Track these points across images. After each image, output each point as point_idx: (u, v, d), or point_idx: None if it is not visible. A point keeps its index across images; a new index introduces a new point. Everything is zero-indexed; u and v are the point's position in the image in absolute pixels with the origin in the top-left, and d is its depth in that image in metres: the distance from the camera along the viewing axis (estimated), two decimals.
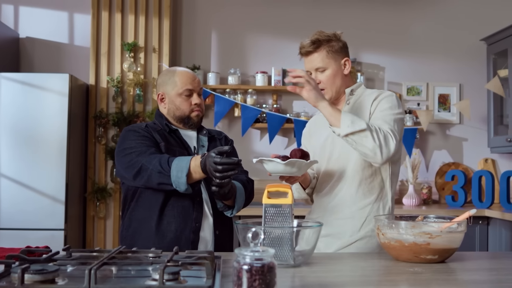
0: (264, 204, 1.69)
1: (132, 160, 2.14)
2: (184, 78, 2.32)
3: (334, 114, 2.04)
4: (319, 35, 2.24)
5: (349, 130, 2.00)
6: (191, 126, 2.35)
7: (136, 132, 2.24)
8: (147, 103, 4.54)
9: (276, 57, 4.73)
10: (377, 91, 2.29)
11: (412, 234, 1.69)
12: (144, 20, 4.54)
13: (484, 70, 4.73)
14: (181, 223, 2.16)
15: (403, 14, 4.82)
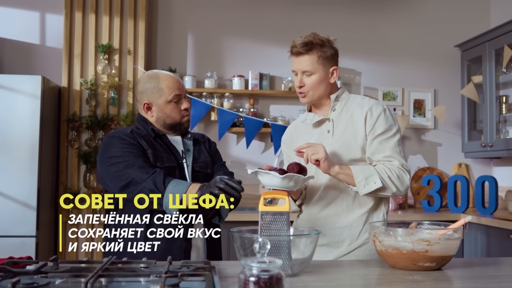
0: (260, 212, 1.65)
1: (120, 172, 2.05)
2: (171, 83, 2.21)
3: (348, 175, 2.07)
4: (313, 38, 2.18)
5: (366, 190, 2.07)
6: (183, 131, 2.27)
7: (122, 140, 2.14)
8: (122, 106, 4.43)
9: (253, 60, 4.69)
10: (365, 100, 2.26)
11: (410, 242, 1.67)
12: (119, 21, 4.44)
13: (458, 76, 4.79)
14: (168, 231, 2.08)
15: (379, 19, 4.85)
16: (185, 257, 2.05)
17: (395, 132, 2.20)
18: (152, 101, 2.23)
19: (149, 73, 2.29)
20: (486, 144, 4.31)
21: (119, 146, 2.11)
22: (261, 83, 4.62)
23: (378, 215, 2.22)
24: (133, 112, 4.38)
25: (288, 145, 2.42)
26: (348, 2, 4.82)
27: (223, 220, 2.21)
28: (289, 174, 1.86)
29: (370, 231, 1.79)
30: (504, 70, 4.26)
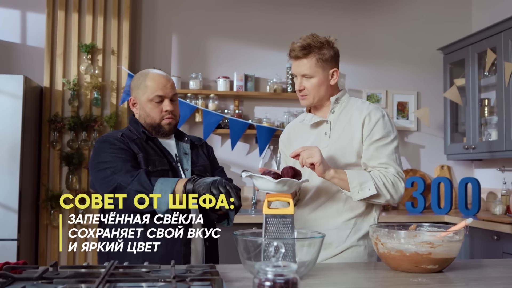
0: (265, 215, 1.63)
1: (108, 177, 2.01)
2: (156, 83, 2.16)
3: (343, 179, 2.05)
4: (311, 40, 2.17)
5: (360, 196, 2.06)
6: (163, 134, 2.21)
7: (111, 144, 2.10)
8: (105, 107, 4.37)
9: (238, 62, 4.67)
10: (365, 105, 2.25)
11: (414, 244, 1.66)
12: (103, 21, 4.37)
13: (441, 79, 4.84)
14: (167, 233, 2.05)
15: (364, 21, 4.88)
16: (184, 262, 2.02)
17: (392, 139, 2.18)
18: (137, 97, 2.21)
19: (142, 71, 2.28)
20: (469, 146, 4.36)
21: (108, 151, 2.08)
22: (246, 85, 4.61)
23: (369, 221, 2.21)
24: (116, 113, 4.32)
25: (286, 144, 2.41)
26: (333, 4, 4.84)
27: (231, 223, 2.18)
28: (283, 179, 1.85)
29: (372, 233, 1.79)
30: (487, 73, 4.32)
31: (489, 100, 4.46)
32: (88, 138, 4.29)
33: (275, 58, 4.69)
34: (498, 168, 4.50)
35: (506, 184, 4.35)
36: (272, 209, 1.62)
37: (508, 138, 3.91)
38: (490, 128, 4.38)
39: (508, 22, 3.93)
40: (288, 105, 4.71)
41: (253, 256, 1.63)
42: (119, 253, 1.99)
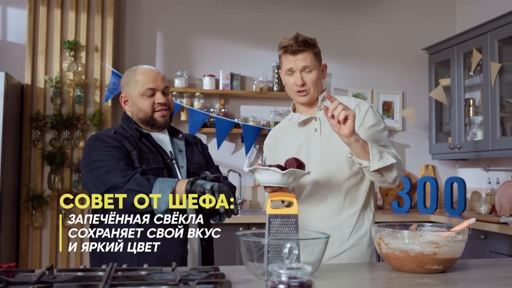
0: (268, 215, 1.58)
1: (101, 177, 1.94)
2: (145, 76, 2.10)
3: (365, 147, 1.96)
4: (305, 37, 2.16)
5: (380, 164, 1.95)
6: (158, 128, 2.15)
7: (104, 142, 2.03)
8: (88, 105, 4.27)
9: (224, 60, 4.62)
10: (352, 99, 2.26)
11: (419, 244, 1.64)
12: (86, 17, 4.28)
13: (426, 79, 4.85)
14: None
15: (349, 20, 4.86)
16: (181, 263, 1.97)
17: (384, 126, 2.20)
18: (128, 94, 2.14)
19: (131, 67, 2.21)
20: (454, 146, 4.38)
21: (101, 150, 2.01)
22: (232, 83, 4.56)
23: (369, 216, 2.20)
24: (100, 112, 4.23)
25: (272, 149, 2.36)
26: (319, 2, 4.81)
27: (223, 219, 2.14)
28: (290, 169, 1.81)
29: (374, 233, 1.76)
30: (472, 73, 4.34)
31: (473, 100, 4.49)
32: (71, 137, 4.19)
33: (261, 57, 4.65)
34: (482, 167, 4.52)
35: (490, 184, 4.38)
36: (276, 209, 1.58)
37: (494, 138, 3.94)
38: (475, 128, 4.41)
39: (494, 23, 3.95)
40: (274, 104, 4.67)
41: (255, 257, 1.58)
42: (113, 253, 1.94)
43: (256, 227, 3.81)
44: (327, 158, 2.14)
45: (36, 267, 4.08)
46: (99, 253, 1.98)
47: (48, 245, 4.14)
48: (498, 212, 4.02)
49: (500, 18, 3.89)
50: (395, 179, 2.04)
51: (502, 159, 4.33)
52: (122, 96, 2.17)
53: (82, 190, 4.18)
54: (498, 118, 3.92)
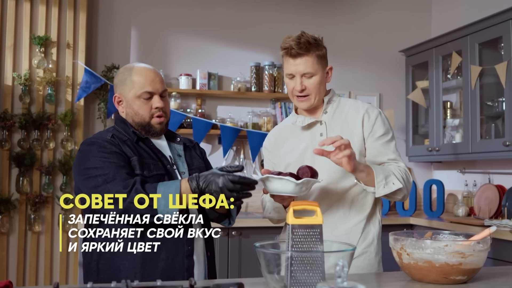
0: (291, 225, 1.48)
1: (99, 187, 1.78)
2: (143, 77, 1.96)
3: (369, 174, 1.93)
4: (308, 38, 2.06)
5: (385, 192, 1.95)
6: (154, 134, 2.00)
7: (101, 147, 1.87)
8: (60, 104, 4.07)
9: (201, 59, 4.49)
10: (359, 103, 2.19)
11: (445, 254, 1.57)
12: (57, 12, 4.07)
13: (402, 81, 4.85)
14: (172, 248, 1.85)
15: (327, 20, 4.81)
16: (188, 276, 1.85)
17: (392, 135, 2.16)
18: (123, 94, 1.99)
19: (126, 65, 2.06)
20: (432, 148, 4.38)
21: (98, 156, 1.85)
22: (209, 83, 4.43)
23: (375, 223, 2.14)
24: (72, 111, 4.04)
25: (273, 151, 2.26)
26: (298, 2, 4.74)
27: (233, 222, 2.03)
28: (306, 179, 1.76)
29: (394, 243, 1.68)
30: (449, 76, 4.35)
31: (451, 102, 4.50)
32: (41, 137, 3.98)
33: (240, 56, 4.55)
34: (458, 170, 4.55)
35: (467, 186, 4.40)
36: (300, 219, 1.48)
37: (474, 141, 3.95)
38: (453, 131, 4.43)
39: (474, 26, 3.96)
40: (252, 105, 4.57)
41: (275, 270, 1.49)
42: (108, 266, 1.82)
43: (242, 231, 3.71)
44: (332, 166, 2.05)
45: (3, 275, 3.85)
46: (89, 253, 1.87)
47: (16, 252, 3.92)
48: (477, 215, 4.04)
49: (480, 22, 3.90)
50: (403, 197, 2.04)
51: (478, 161, 4.36)
52: (116, 96, 2.02)
53: (52, 194, 3.99)
54: (478, 121, 3.94)
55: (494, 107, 3.97)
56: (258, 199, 4.34)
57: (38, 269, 3.97)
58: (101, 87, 4.13)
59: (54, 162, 4.00)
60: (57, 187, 4.01)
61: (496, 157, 3.81)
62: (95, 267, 1.86)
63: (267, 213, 2.16)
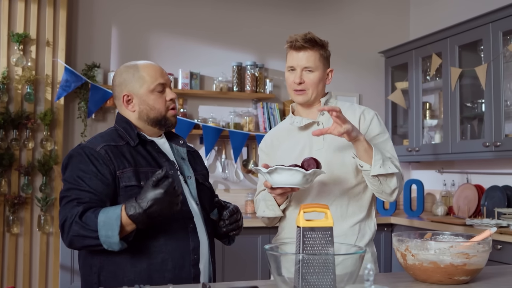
0: (301, 228, 1.48)
1: (61, 205, 1.76)
2: (152, 71, 1.92)
3: (369, 150, 1.92)
4: (314, 36, 2.10)
5: (381, 171, 1.92)
6: (169, 127, 1.95)
7: (81, 163, 1.79)
8: (39, 103, 3.99)
9: (183, 58, 4.45)
10: (355, 105, 2.20)
11: (449, 255, 1.59)
12: (37, 8, 3.99)
13: (382, 82, 4.90)
14: (179, 258, 1.81)
15: (308, 21, 4.82)
16: (195, 272, 1.85)
17: (388, 136, 2.16)
18: (132, 92, 1.91)
19: (126, 64, 1.99)
20: (412, 149, 4.44)
21: (75, 170, 1.79)
22: (191, 82, 4.40)
23: (370, 224, 2.15)
24: (51, 110, 3.96)
25: (269, 153, 2.25)
26: (280, 2, 4.75)
27: (232, 243, 2.01)
28: (313, 170, 1.79)
29: (398, 244, 1.70)
30: (428, 78, 4.42)
31: (430, 103, 4.57)
32: (19, 137, 3.89)
33: (222, 56, 4.53)
34: (436, 170, 4.63)
35: (446, 186, 4.48)
36: (310, 222, 1.48)
37: (454, 141, 4.02)
38: (431, 131, 4.50)
39: (454, 29, 4.03)
40: (234, 105, 4.56)
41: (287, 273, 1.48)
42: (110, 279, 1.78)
43: None
44: (331, 165, 2.06)
45: None
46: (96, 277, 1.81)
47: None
48: (456, 214, 4.12)
49: (460, 25, 3.98)
50: (394, 190, 2.00)
51: (456, 161, 4.44)
52: (124, 95, 1.92)
53: (31, 195, 3.91)
54: (458, 121, 4.01)
55: (473, 108, 4.05)
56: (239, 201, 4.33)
57: (16, 272, 3.88)
58: (82, 86, 4.06)
59: (33, 162, 3.91)
60: (37, 188, 3.93)
61: (476, 157, 3.89)
62: (95, 279, 1.80)
63: (261, 212, 2.15)
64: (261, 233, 3.93)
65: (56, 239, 3.91)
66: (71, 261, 3.58)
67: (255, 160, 4.57)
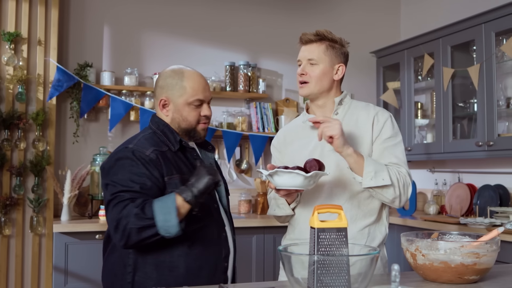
0: (316, 229, 1.48)
1: (114, 209, 1.77)
2: (196, 84, 1.95)
3: (359, 161, 1.93)
4: (326, 32, 2.11)
5: (372, 183, 1.92)
6: (196, 139, 2.00)
7: (134, 166, 1.82)
8: (30, 103, 3.93)
9: (176, 57, 4.43)
10: (370, 106, 2.18)
11: (460, 255, 1.61)
12: (28, 7, 3.93)
13: (373, 82, 4.93)
14: (213, 265, 1.86)
15: (300, 20, 4.83)
16: (224, 279, 1.90)
17: (400, 139, 2.14)
18: (171, 98, 1.95)
19: (174, 68, 2.00)
20: (405, 148, 4.46)
21: (127, 175, 1.81)
22: None
23: (380, 229, 2.12)
24: (43, 110, 3.91)
25: (281, 150, 2.25)
26: (271, 2, 4.75)
27: None
28: (315, 172, 1.80)
29: (407, 244, 1.71)
30: (420, 78, 4.45)
31: (421, 103, 4.61)
32: (11, 137, 3.84)
33: (214, 56, 4.52)
34: (428, 169, 4.67)
35: (437, 185, 4.52)
36: (325, 222, 1.48)
37: (446, 141, 4.05)
38: (422, 131, 4.54)
39: (446, 29, 4.07)
40: (227, 104, 4.55)
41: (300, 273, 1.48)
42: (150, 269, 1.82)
43: None
44: (341, 167, 2.05)
45: None
46: (130, 276, 1.84)
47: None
48: (449, 213, 4.15)
49: (453, 25, 4.01)
50: (393, 200, 1.99)
51: (448, 161, 4.48)
52: (162, 99, 1.96)
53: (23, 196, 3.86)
54: (451, 121, 4.05)
55: (465, 108, 4.09)
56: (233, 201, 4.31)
57: (8, 274, 3.82)
58: (74, 86, 4.02)
59: (25, 163, 3.86)
60: (29, 189, 3.88)
61: (468, 157, 3.92)
62: (130, 278, 1.83)
63: (272, 211, 2.16)
64: (255, 233, 3.93)
65: (48, 240, 3.87)
66: (65, 262, 3.54)
67: (248, 160, 4.57)
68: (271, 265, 3.93)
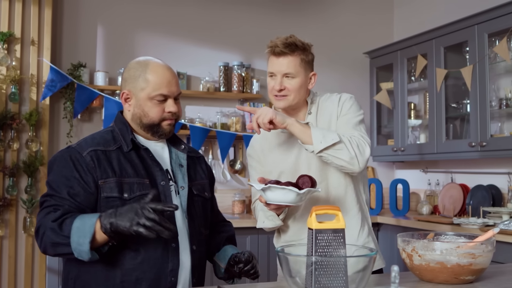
0: (314, 230, 1.48)
1: (40, 208, 1.70)
2: (159, 78, 1.76)
3: (304, 130, 1.93)
4: (295, 40, 2.09)
5: (322, 146, 1.92)
6: (161, 136, 1.83)
7: (64, 166, 1.71)
8: (24, 103, 3.92)
9: (170, 58, 4.40)
10: (335, 94, 2.21)
11: (457, 255, 1.62)
12: (21, 7, 3.91)
13: (366, 82, 4.94)
14: (154, 280, 1.71)
15: (293, 21, 4.83)
16: (171, 278, 1.75)
17: (359, 114, 2.13)
18: (133, 92, 1.79)
19: (140, 59, 1.85)
20: (397, 149, 4.49)
21: (57, 174, 1.72)
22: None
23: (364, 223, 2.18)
24: (37, 110, 3.89)
25: (260, 160, 2.21)
26: (266, 2, 4.75)
27: (238, 282, 1.95)
28: (307, 189, 1.80)
29: (404, 245, 1.71)
30: (413, 78, 4.47)
31: (415, 104, 4.63)
32: (4, 137, 3.82)
33: (208, 56, 4.52)
34: (421, 169, 4.69)
35: (430, 185, 4.54)
36: (323, 224, 1.49)
37: (440, 141, 4.07)
38: (415, 131, 4.56)
39: (439, 30, 4.09)
40: (221, 105, 4.55)
41: (298, 275, 1.49)
42: (89, 277, 1.72)
43: None
44: (325, 170, 2.09)
45: None
46: (72, 283, 1.75)
47: None
48: (442, 213, 4.18)
49: (446, 26, 4.03)
50: (351, 161, 1.94)
51: (441, 161, 4.50)
52: (124, 92, 1.81)
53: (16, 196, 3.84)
54: (444, 122, 4.07)
55: (458, 109, 4.11)
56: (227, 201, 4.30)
57: (1, 275, 3.81)
58: (67, 86, 4.00)
59: (19, 163, 3.84)
60: (22, 190, 3.86)
61: (462, 157, 3.95)
62: (72, 285, 1.75)
63: (261, 223, 2.13)
64: (249, 234, 3.93)
65: None
66: (59, 264, 3.53)
67: (242, 160, 4.57)
68: (265, 265, 3.94)
